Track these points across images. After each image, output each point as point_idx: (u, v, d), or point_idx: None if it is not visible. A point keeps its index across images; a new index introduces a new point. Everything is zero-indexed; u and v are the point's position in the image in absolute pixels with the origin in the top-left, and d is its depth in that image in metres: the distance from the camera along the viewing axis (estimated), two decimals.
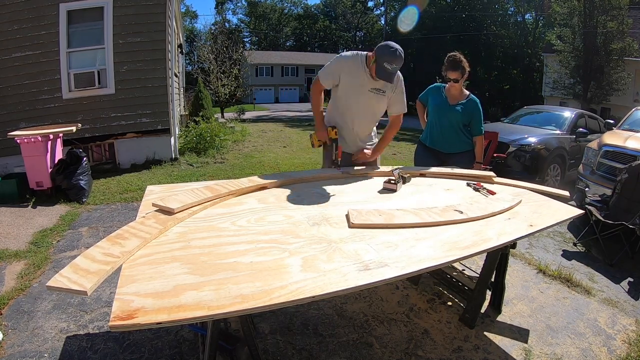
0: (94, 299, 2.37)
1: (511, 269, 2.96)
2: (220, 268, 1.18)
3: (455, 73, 2.88)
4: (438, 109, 3.08)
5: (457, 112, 2.99)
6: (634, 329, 2.34)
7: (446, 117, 3.03)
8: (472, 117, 3.00)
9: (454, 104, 3.02)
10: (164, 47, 5.84)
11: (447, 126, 3.04)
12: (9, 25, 5.10)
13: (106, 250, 1.22)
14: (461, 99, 3.02)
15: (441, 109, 3.05)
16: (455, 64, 2.88)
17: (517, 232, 1.64)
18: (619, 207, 3.69)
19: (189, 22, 43.16)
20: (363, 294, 2.52)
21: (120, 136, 5.85)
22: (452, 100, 3.04)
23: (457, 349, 2.04)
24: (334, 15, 48.49)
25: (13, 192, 4.16)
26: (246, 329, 1.60)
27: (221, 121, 11.29)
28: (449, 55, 2.94)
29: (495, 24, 27.46)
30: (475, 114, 3.00)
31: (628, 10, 14.78)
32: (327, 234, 1.47)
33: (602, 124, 6.42)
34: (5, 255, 2.89)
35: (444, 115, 3.04)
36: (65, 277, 1.06)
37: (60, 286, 1.03)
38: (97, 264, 1.13)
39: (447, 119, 3.03)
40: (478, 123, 3.01)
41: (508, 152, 5.18)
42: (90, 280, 1.05)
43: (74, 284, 1.03)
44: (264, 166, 6.37)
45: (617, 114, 10.85)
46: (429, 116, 3.23)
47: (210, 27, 32.95)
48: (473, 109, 3.00)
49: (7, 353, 1.88)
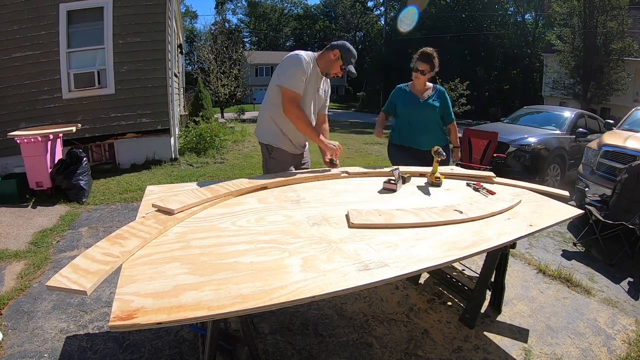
0: (94, 299, 2.37)
1: (511, 269, 2.96)
2: (220, 268, 1.18)
3: (425, 65, 2.85)
4: (409, 108, 2.99)
5: (433, 106, 2.94)
6: (634, 329, 2.34)
7: (420, 114, 2.96)
8: (442, 108, 2.95)
9: (426, 98, 2.96)
10: (164, 47, 5.84)
11: (421, 123, 2.96)
12: (9, 25, 5.11)
13: (106, 250, 1.22)
14: (429, 92, 2.98)
15: (414, 107, 2.97)
16: (427, 56, 2.85)
17: (517, 232, 1.64)
18: (619, 207, 3.69)
19: (189, 22, 43.17)
20: (363, 294, 2.52)
21: (120, 136, 5.85)
22: (422, 96, 2.97)
23: (457, 349, 2.04)
24: (333, 16, 48.48)
25: (13, 192, 4.16)
26: (246, 329, 1.60)
27: (221, 121, 11.29)
28: (421, 49, 2.91)
29: (495, 24, 27.47)
30: (444, 102, 2.97)
31: (628, 10, 14.80)
32: (327, 234, 1.47)
33: (602, 124, 6.42)
34: (5, 255, 2.89)
35: (418, 113, 2.96)
36: (65, 277, 1.06)
37: (60, 286, 1.03)
38: (96, 264, 1.13)
39: (421, 116, 2.96)
40: (448, 111, 2.99)
41: (508, 152, 5.18)
42: (90, 280, 1.05)
43: (73, 283, 1.03)
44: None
45: (617, 114, 10.85)
46: (396, 118, 3.12)
47: (210, 27, 33.00)
48: (444, 99, 2.97)
49: (7, 353, 1.88)
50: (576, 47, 15.61)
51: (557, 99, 17.80)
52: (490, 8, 26.96)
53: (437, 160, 2.27)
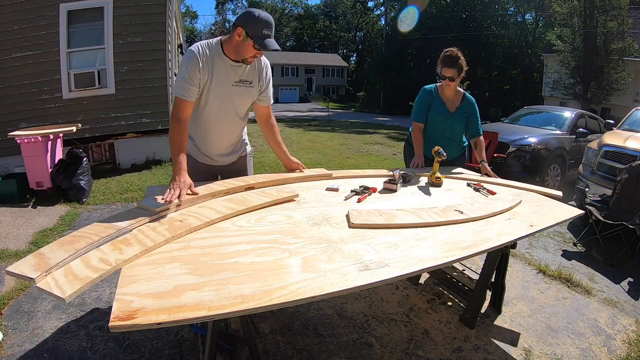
0: (94, 299, 2.37)
1: (511, 269, 2.96)
2: (221, 268, 1.18)
3: (452, 70, 2.56)
4: (441, 121, 2.71)
5: (461, 120, 2.72)
6: (634, 329, 2.34)
7: (451, 128, 2.72)
8: (469, 117, 2.73)
9: (454, 110, 2.71)
10: (164, 47, 5.84)
11: (450, 138, 2.74)
12: (9, 25, 5.11)
13: (104, 256, 1.19)
14: (457, 101, 2.73)
15: (445, 117, 2.70)
16: (452, 60, 2.55)
17: (517, 232, 1.64)
18: (619, 207, 3.69)
19: (189, 22, 43.22)
20: (363, 294, 2.52)
21: (121, 136, 5.85)
22: (451, 106, 2.71)
23: (457, 349, 2.04)
24: (334, 16, 48.51)
25: (13, 192, 4.16)
26: (246, 329, 1.60)
27: None
28: (445, 50, 2.61)
29: (495, 24, 27.46)
30: (472, 114, 2.73)
31: (628, 10, 14.78)
32: (327, 234, 1.47)
33: (602, 124, 6.42)
34: (5, 255, 2.89)
35: (449, 127, 2.72)
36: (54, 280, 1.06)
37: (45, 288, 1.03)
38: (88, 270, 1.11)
39: (450, 131, 2.73)
40: (476, 123, 2.74)
41: (508, 152, 5.18)
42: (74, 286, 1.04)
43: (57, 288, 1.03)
44: (265, 166, 6.36)
45: (617, 114, 10.86)
46: (427, 127, 2.77)
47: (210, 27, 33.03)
48: (471, 110, 2.72)
49: (7, 353, 1.88)
50: (576, 47, 15.60)
51: (557, 99, 17.79)
52: (491, 8, 26.94)
53: (437, 161, 2.27)
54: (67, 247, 1.23)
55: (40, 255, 1.16)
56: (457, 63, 2.54)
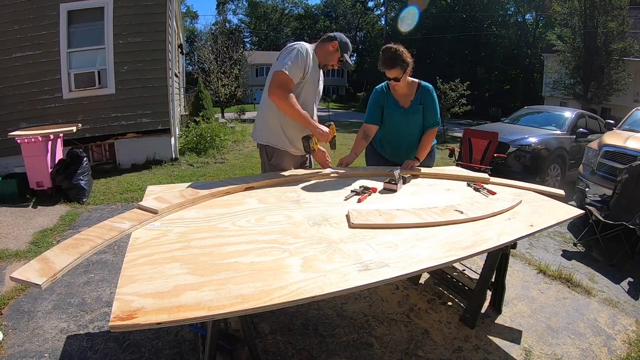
0: (94, 299, 2.37)
1: (511, 269, 2.96)
2: (221, 268, 1.18)
3: (394, 71, 2.36)
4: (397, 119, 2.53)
5: (417, 113, 2.51)
6: (634, 329, 2.34)
7: (407, 125, 2.53)
8: (425, 107, 2.49)
9: (408, 105, 2.51)
10: (164, 47, 5.85)
11: (407, 136, 2.56)
12: (10, 25, 5.12)
13: None
14: (412, 94, 2.50)
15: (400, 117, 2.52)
16: (392, 60, 2.33)
17: (518, 232, 1.64)
18: (619, 208, 3.69)
19: (190, 22, 43.14)
20: (363, 294, 2.52)
21: (121, 136, 5.85)
22: (405, 102, 2.52)
23: (458, 349, 2.04)
24: (334, 16, 48.47)
25: (13, 192, 4.16)
26: (246, 329, 1.60)
27: (221, 121, 11.29)
28: (383, 48, 2.41)
29: (495, 24, 27.48)
30: (428, 104, 2.48)
31: (629, 10, 14.77)
32: (327, 234, 1.47)
33: (602, 124, 6.42)
34: (5, 255, 2.89)
35: (405, 124, 2.53)
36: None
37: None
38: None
39: (407, 127, 2.54)
40: (431, 113, 2.50)
41: (508, 152, 5.19)
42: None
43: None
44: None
45: (617, 114, 10.85)
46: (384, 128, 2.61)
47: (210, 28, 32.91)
48: (427, 99, 2.49)
49: (7, 353, 1.88)
50: (577, 48, 15.59)
51: (557, 99, 17.79)
52: (491, 8, 26.96)
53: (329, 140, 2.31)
54: (70, 250, 1.23)
55: (44, 260, 1.16)
56: (397, 61, 2.33)
